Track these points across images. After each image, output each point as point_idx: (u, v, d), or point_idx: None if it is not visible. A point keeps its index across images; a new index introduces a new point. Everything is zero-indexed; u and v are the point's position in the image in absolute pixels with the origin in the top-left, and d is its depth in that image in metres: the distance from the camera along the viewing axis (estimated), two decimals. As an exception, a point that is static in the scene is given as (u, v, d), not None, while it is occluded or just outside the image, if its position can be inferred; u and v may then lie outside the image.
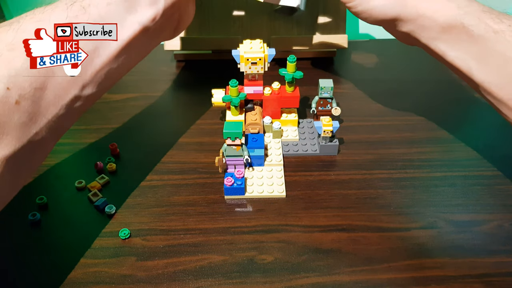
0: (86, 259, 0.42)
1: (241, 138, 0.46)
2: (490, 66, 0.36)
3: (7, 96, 0.29)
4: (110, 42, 0.34)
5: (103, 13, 0.34)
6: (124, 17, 0.35)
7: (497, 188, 0.48)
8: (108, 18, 0.34)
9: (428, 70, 0.67)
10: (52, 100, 0.32)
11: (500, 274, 0.40)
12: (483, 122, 0.57)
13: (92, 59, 0.34)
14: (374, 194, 0.47)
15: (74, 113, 0.35)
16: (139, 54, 0.39)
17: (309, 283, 0.39)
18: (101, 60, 0.34)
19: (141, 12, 0.36)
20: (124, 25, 0.35)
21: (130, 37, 0.36)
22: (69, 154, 0.53)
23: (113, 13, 0.34)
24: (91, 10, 0.33)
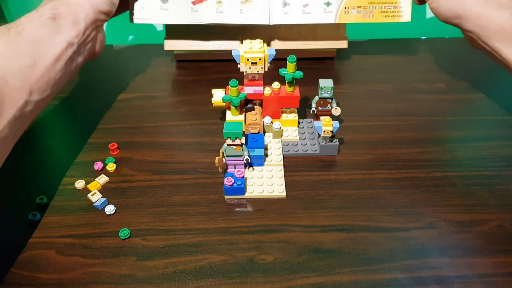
0: (86, 259, 0.42)
1: (241, 138, 0.46)
2: None
3: None
4: (45, 57, 0.44)
5: (34, 35, 0.44)
6: (53, 37, 0.45)
7: (497, 188, 0.48)
8: (40, 39, 0.44)
9: (428, 70, 0.67)
10: (9, 103, 0.40)
11: (500, 274, 0.40)
12: (483, 122, 0.57)
13: (33, 70, 0.43)
14: (374, 194, 0.47)
15: (28, 116, 0.43)
16: (71, 68, 0.48)
17: (309, 283, 0.39)
18: (40, 71, 0.43)
19: (66, 32, 0.47)
20: (54, 42, 0.45)
21: (59, 52, 0.46)
22: (69, 154, 0.53)
23: (43, 34, 0.44)
24: (24, 33, 0.43)
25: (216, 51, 0.67)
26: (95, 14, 0.50)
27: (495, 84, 0.64)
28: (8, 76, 0.40)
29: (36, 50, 0.44)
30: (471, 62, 0.68)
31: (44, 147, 0.54)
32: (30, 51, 0.43)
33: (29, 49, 0.43)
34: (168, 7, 0.60)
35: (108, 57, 0.70)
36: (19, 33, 0.43)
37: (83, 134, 0.56)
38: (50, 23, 0.45)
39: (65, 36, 0.46)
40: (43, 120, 0.58)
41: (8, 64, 0.41)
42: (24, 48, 0.42)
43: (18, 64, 0.42)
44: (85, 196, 0.47)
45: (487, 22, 0.47)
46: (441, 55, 0.70)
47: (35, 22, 0.45)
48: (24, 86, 0.42)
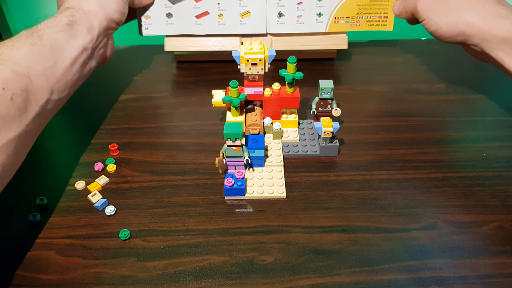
0: (86, 260, 0.42)
1: (241, 139, 0.46)
2: None
3: (4, 94, 0.40)
4: (63, 60, 0.48)
5: (54, 40, 0.47)
6: (70, 42, 0.49)
7: (497, 189, 0.48)
8: (59, 44, 0.48)
9: (428, 71, 0.67)
10: (33, 101, 0.43)
11: (500, 275, 0.40)
12: (483, 123, 0.57)
13: (53, 71, 0.46)
14: (375, 195, 0.47)
15: (48, 113, 0.46)
16: (85, 71, 0.52)
17: (309, 284, 0.39)
18: (60, 72, 0.47)
19: (82, 38, 0.51)
20: (71, 47, 0.49)
21: (76, 56, 0.49)
22: (69, 155, 0.53)
23: (61, 40, 0.48)
24: (45, 38, 0.47)
25: (216, 52, 0.67)
26: (108, 22, 0.54)
27: (495, 85, 0.64)
28: (33, 76, 0.43)
29: (56, 54, 0.47)
30: (471, 63, 0.68)
31: (44, 148, 0.54)
32: (51, 54, 0.46)
33: (50, 52, 0.46)
34: (173, 22, 0.64)
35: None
36: (41, 38, 0.46)
37: (83, 135, 0.56)
38: (67, 29, 0.49)
39: (80, 42, 0.50)
40: (44, 121, 0.58)
41: (33, 65, 0.44)
42: (46, 52, 0.46)
43: (42, 66, 0.45)
44: (85, 197, 0.47)
45: (490, 34, 0.48)
46: (441, 56, 0.70)
47: (54, 28, 0.48)
48: (46, 85, 0.45)
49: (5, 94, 0.40)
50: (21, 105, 0.41)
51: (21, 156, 0.43)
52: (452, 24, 0.50)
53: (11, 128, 0.40)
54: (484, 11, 0.49)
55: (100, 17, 0.53)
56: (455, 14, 0.50)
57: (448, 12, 0.51)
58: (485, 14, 0.48)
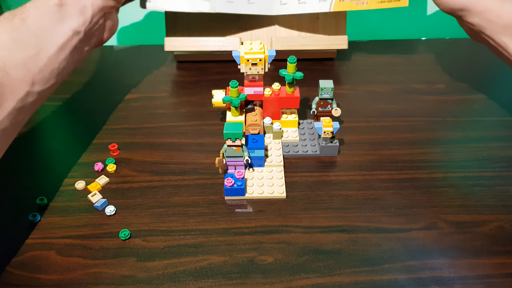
0: (86, 260, 0.41)
1: (241, 139, 0.46)
2: None
3: None
4: (49, 46, 0.43)
5: (39, 23, 0.42)
6: (58, 25, 0.44)
7: (497, 189, 0.48)
8: (45, 27, 0.43)
9: (429, 71, 0.67)
10: (9, 95, 0.39)
11: (500, 275, 0.40)
12: (483, 123, 0.57)
13: (36, 60, 0.42)
14: (375, 195, 0.47)
15: (29, 107, 0.42)
16: (75, 57, 0.47)
17: (309, 284, 0.39)
18: (43, 62, 0.42)
19: (72, 20, 0.45)
20: (59, 31, 0.44)
21: (64, 41, 0.44)
22: (70, 155, 0.53)
23: (48, 22, 0.43)
24: (29, 21, 0.42)
25: (216, 52, 0.67)
26: (103, 1, 0.48)
27: (496, 85, 0.64)
28: (10, 67, 0.39)
29: (40, 40, 0.42)
30: (471, 63, 0.68)
31: (44, 147, 0.54)
32: (34, 41, 0.42)
33: (33, 39, 0.42)
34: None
35: (108, 58, 0.71)
36: (24, 21, 0.42)
37: (83, 134, 0.56)
38: (56, 10, 0.44)
39: (71, 24, 0.45)
40: (44, 121, 0.58)
41: (11, 54, 0.40)
42: (28, 38, 0.41)
43: (21, 55, 0.41)
44: (85, 197, 0.47)
45: (496, 16, 0.45)
46: (441, 56, 0.70)
47: (40, 9, 0.43)
48: (26, 77, 0.41)
49: None
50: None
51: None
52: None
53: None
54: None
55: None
56: None
57: None
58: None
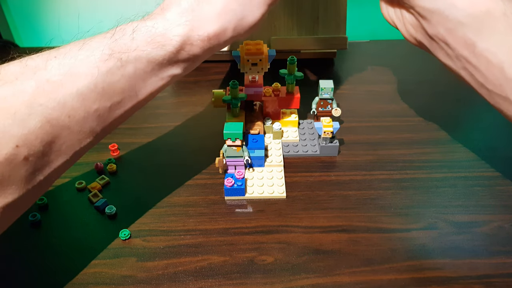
0: (86, 260, 0.41)
1: (241, 139, 0.46)
2: None
3: (16, 154, 0.28)
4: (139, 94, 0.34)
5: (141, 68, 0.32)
6: (162, 71, 0.34)
7: (497, 189, 0.48)
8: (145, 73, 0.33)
9: (428, 71, 0.67)
10: (64, 150, 0.32)
11: (500, 275, 0.40)
12: (483, 123, 0.57)
13: (115, 110, 0.33)
14: (375, 195, 0.47)
15: (80, 155, 0.35)
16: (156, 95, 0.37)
17: (309, 284, 0.39)
18: (123, 109, 0.34)
19: (180, 67, 0.36)
20: (159, 76, 0.34)
21: (161, 86, 0.35)
22: (70, 154, 0.53)
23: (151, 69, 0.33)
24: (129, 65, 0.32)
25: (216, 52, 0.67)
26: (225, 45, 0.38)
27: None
28: (75, 121, 0.31)
29: (131, 88, 0.33)
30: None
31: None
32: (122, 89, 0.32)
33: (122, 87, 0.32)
34: None
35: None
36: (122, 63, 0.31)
37: (84, 134, 0.56)
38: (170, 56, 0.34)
39: (176, 71, 0.35)
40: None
41: (83, 106, 0.30)
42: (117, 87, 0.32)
43: (97, 105, 0.31)
44: (85, 197, 0.47)
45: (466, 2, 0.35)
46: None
47: (151, 53, 0.33)
48: (93, 130, 0.32)
49: (18, 153, 0.28)
50: (38, 164, 0.30)
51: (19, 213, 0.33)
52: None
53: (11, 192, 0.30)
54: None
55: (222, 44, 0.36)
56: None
57: None
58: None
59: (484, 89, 0.37)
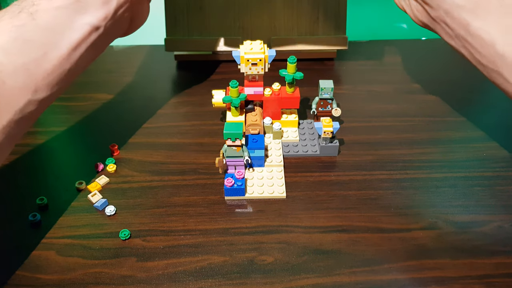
0: (86, 260, 0.41)
1: (241, 139, 0.46)
2: None
3: None
4: (60, 46, 0.36)
5: (51, 18, 0.35)
6: (74, 20, 0.36)
7: (497, 189, 0.48)
8: (57, 23, 0.35)
9: (429, 71, 0.67)
10: (5, 107, 0.33)
11: (500, 275, 0.40)
12: (483, 123, 0.57)
13: (42, 64, 0.35)
14: (375, 195, 0.47)
15: (29, 117, 0.36)
16: (91, 54, 0.39)
17: (309, 284, 0.39)
18: (51, 64, 0.35)
19: (92, 13, 0.37)
20: (74, 27, 0.36)
21: (80, 39, 0.37)
22: (69, 154, 0.53)
23: (62, 17, 0.35)
24: (38, 16, 0.34)
25: (216, 52, 0.67)
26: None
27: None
28: (7, 75, 0.33)
29: (50, 39, 0.35)
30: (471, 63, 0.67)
31: (44, 147, 0.54)
32: (41, 41, 0.34)
33: (41, 39, 0.34)
34: None
35: (108, 57, 0.70)
36: (32, 16, 0.34)
37: (83, 134, 0.56)
38: (73, 1, 0.36)
39: (90, 19, 0.37)
40: (43, 121, 0.58)
41: (10, 59, 0.33)
42: (34, 38, 0.34)
43: (23, 58, 0.34)
44: (85, 197, 0.47)
45: None
46: (441, 56, 0.70)
47: (55, 0, 0.36)
48: (27, 84, 0.34)
49: None
50: None
51: None
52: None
53: None
54: None
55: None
56: None
57: None
58: None
59: (481, 66, 0.41)
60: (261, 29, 0.66)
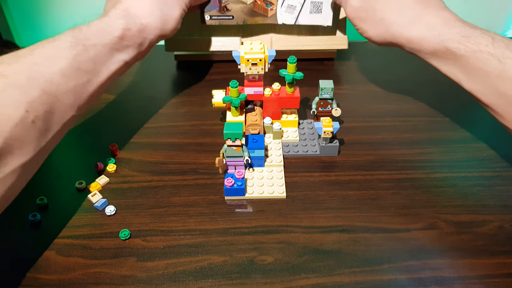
0: (86, 260, 0.42)
1: (242, 139, 0.46)
2: (474, 78, 0.43)
3: (26, 117, 0.36)
4: (101, 75, 0.44)
5: (98, 52, 0.43)
6: (114, 55, 0.45)
7: (497, 189, 0.48)
8: (102, 56, 0.44)
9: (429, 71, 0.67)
10: (57, 120, 0.40)
11: (500, 275, 0.40)
12: (483, 123, 0.57)
13: (86, 87, 0.43)
14: (375, 195, 0.47)
15: (67, 128, 0.43)
16: (116, 78, 0.48)
17: (309, 284, 0.39)
18: (92, 88, 0.43)
19: (128, 53, 0.47)
20: (113, 61, 0.45)
21: (115, 70, 0.46)
22: (70, 154, 0.53)
23: (106, 52, 0.44)
24: (90, 49, 0.43)
25: (216, 52, 0.67)
26: (159, 39, 0.50)
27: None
28: (61, 93, 0.40)
29: (95, 69, 0.43)
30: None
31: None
32: (89, 69, 0.42)
33: (89, 67, 0.42)
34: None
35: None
36: (86, 49, 0.42)
37: (83, 134, 0.56)
38: (117, 41, 0.45)
39: (125, 56, 0.46)
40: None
41: (65, 81, 0.40)
42: (86, 66, 0.42)
43: (75, 82, 0.41)
44: (86, 196, 0.47)
45: (419, 45, 0.47)
46: (441, 56, 0.70)
47: (103, 39, 0.44)
48: (74, 103, 0.41)
49: (28, 117, 0.37)
50: (42, 127, 0.38)
51: (30, 175, 0.40)
52: (380, 35, 0.49)
53: (26, 151, 0.37)
54: (411, 20, 0.46)
55: (155, 34, 0.49)
56: (381, 25, 0.48)
57: (375, 22, 0.49)
58: (412, 24, 0.46)
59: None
60: (261, 29, 0.66)
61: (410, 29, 0.47)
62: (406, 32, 0.47)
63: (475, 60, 0.42)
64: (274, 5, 0.62)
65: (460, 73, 0.44)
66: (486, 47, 0.41)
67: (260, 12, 0.63)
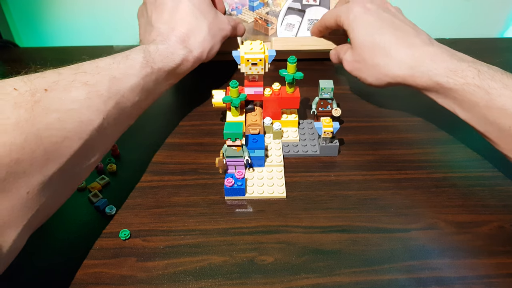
0: (86, 260, 0.42)
1: (242, 139, 0.46)
2: (466, 109, 0.45)
3: (102, 124, 0.40)
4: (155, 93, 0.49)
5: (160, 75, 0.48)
6: (168, 80, 0.50)
7: (497, 189, 0.48)
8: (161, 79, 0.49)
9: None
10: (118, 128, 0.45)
11: (500, 275, 0.40)
12: (483, 123, 0.57)
13: (144, 103, 0.48)
14: (375, 195, 0.47)
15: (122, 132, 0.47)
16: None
17: (309, 284, 0.39)
18: (147, 103, 0.49)
19: (177, 77, 0.52)
20: (166, 83, 0.50)
21: (164, 90, 0.51)
22: (70, 154, 0.53)
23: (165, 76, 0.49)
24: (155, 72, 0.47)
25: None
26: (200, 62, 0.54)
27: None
28: (127, 107, 0.44)
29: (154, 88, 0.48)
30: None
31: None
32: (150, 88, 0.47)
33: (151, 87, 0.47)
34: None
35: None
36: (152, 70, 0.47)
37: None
38: (174, 68, 0.50)
39: (173, 80, 0.52)
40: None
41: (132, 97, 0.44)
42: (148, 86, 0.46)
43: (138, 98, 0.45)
44: (86, 196, 0.47)
45: (414, 82, 0.48)
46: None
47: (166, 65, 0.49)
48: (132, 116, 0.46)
49: (103, 124, 0.40)
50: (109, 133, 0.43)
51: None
52: (378, 79, 0.51)
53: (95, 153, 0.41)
54: (399, 60, 0.48)
55: (199, 62, 0.53)
56: (376, 70, 0.50)
57: (369, 69, 0.51)
58: (401, 64, 0.48)
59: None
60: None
61: (400, 69, 0.48)
62: (398, 72, 0.49)
63: (464, 92, 0.44)
64: (274, 24, 0.64)
65: (453, 104, 0.47)
66: (473, 80, 0.43)
67: (261, 30, 0.65)
